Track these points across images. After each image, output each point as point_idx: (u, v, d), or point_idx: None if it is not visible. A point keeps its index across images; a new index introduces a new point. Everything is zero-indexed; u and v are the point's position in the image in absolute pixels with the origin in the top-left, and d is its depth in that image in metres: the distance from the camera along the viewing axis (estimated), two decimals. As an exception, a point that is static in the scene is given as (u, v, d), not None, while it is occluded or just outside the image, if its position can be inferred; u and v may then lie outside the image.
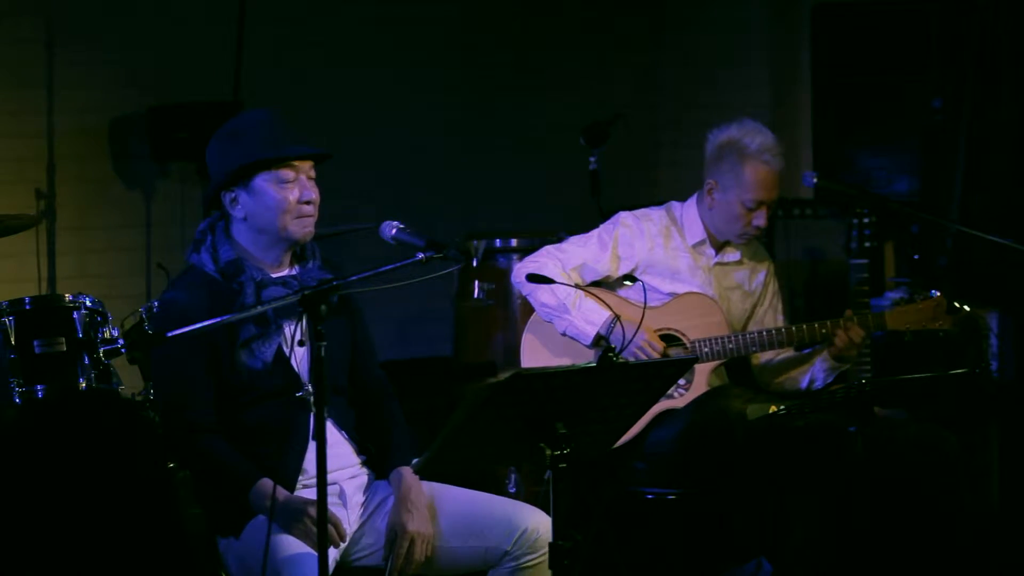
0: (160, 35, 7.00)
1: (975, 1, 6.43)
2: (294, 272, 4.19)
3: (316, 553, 3.85)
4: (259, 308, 3.93)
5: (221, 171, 4.14)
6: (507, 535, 4.06)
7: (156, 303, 5.57)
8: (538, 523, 4.06)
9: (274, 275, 4.15)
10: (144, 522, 4.59)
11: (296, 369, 4.13)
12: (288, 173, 4.12)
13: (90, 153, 6.96)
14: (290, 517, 3.96)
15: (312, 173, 4.18)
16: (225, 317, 3.89)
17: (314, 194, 4.15)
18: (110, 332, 5.24)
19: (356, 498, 4.17)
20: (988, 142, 6.36)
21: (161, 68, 7.01)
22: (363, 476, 4.22)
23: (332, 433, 4.15)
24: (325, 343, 3.70)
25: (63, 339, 5.12)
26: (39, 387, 5.07)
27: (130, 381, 5.50)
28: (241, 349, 4.08)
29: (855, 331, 4.93)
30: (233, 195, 4.14)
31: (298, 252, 4.23)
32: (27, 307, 5.14)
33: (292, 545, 3.94)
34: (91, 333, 5.18)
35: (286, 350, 4.12)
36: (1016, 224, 6.02)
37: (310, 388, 4.12)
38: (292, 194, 4.11)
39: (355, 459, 4.21)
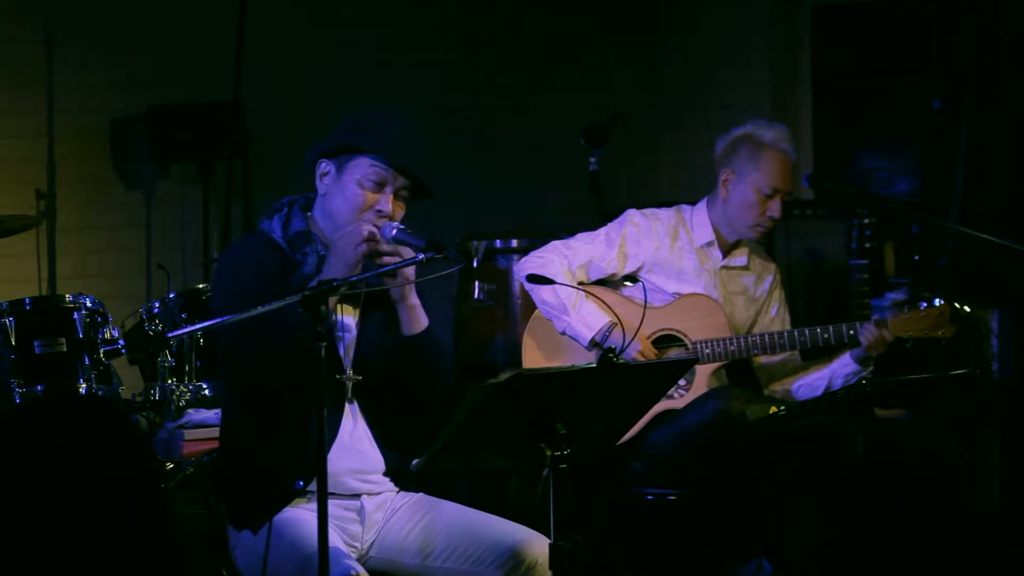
0: (160, 35, 7.01)
1: (975, 1, 6.42)
2: None
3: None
4: (259, 309, 3.74)
5: (332, 140, 4.08)
6: (501, 567, 3.92)
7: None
8: (537, 555, 3.89)
9: None
10: (135, 525, 4.58)
11: (340, 354, 4.04)
12: (380, 177, 4.02)
13: (90, 153, 6.96)
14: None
15: (404, 194, 4.06)
16: (232, 317, 3.77)
17: (389, 209, 4.02)
18: (110, 332, 5.25)
19: (375, 516, 4.08)
20: (988, 142, 6.35)
21: (161, 68, 7.01)
22: (385, 493, 4.11)
23: (361, 430, 4.06)
24: (326, 343, 3.63)
25: (63, 339, 5.13)
26: (39, 387, 5.08)
27: (130, 382, 5.51)
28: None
29: (885, 332, 4.89)
30: (326, 169, 4.07)
31: None
32: (27, 307, 5.15)
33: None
34: (91, 333, 5.18)
35: (336, 333, 4.04)
36: (1016, 224, 6.02)
37: (351, 373, 4.03)
38: (371, 199, 4.02)
39: (380, 466, 4.09)
